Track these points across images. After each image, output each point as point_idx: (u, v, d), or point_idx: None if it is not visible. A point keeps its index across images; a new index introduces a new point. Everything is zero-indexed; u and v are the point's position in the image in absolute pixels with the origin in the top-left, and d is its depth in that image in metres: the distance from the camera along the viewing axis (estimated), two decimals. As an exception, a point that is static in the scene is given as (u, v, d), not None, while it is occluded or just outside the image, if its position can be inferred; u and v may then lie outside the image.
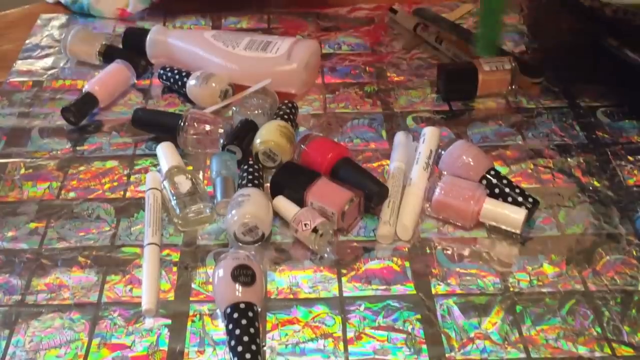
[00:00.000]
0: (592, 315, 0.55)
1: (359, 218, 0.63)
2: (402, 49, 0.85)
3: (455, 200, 0.61)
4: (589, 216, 0.63)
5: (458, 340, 0.53)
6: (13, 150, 0.72)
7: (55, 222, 0.63)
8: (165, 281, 0.58)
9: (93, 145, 0.72)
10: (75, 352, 0.53)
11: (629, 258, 0.59)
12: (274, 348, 0.53)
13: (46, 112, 0.77)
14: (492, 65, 0.75)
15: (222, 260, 0.55)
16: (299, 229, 0.59)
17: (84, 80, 0.80)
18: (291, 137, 0.68)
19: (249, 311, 0.52)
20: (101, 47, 0.83)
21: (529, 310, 0.55)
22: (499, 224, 0.61)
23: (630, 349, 0.52)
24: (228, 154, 0.67)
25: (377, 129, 0.73)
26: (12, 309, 0.56)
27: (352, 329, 0.54)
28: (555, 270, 0.58)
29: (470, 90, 0.76)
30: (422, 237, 0.61)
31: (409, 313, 0.55)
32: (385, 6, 0.93)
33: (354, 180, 0.63)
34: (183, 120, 0.69)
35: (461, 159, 0.64)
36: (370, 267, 0.59)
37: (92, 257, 0.60)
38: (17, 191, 0.67)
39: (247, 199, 0.59)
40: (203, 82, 0.75)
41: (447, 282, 0.57)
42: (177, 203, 0.62)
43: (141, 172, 0.69)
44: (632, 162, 0.69)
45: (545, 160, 0.69)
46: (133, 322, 0.55)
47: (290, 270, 0.59)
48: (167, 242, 0.61)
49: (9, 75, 0.83)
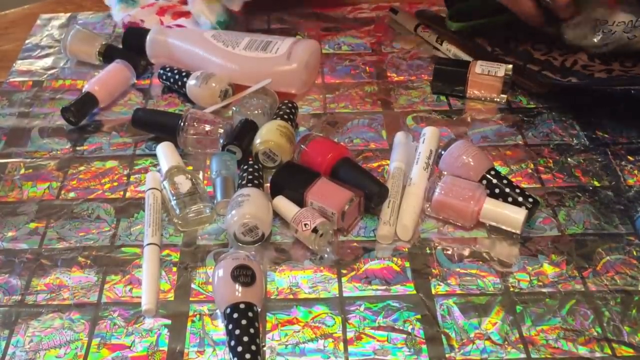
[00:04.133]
0: (592, 315, 0.54)
1: (359, 218, 0.63)
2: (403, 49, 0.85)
3: (455, 200, 0.61)
4: (589, 216, 0.63)
5: (458, 341, 0.53)
6: (13, 150, 0.72)
7: (55, 222, 0.63)
8: (165, 281, 0.58)
9: (93, 145, 0.72)
10: (75, 353, 0.53)
11: (629, 258, 0.59)
12: (273, 348, 0.53)
13: (46, 112, 0.77)
14: (484, 69, 0.75)
15: (222, 261, 0.55)
16: (299, 229, 0.59)
17: (84, 80, 0.80)
18: (291, 137, 0.68)
19: (249, 311, 0.52)
20: (101, 47, 0.83)
21: (529, 311, 0.55)
22: (499, 224, 0.61)
23: (630, 349, 0.52)
24: (228, 154, 0.67)
25: (377, 129, 0.73)
26: (12, 309, 0.56)
27: (352, 329, 0.54)
28: (555, 270, 0.58)
29: (459, 89, 0.76)
30: (422, 237, 0.61)
31: (409, 313, 0.55)
32: (386, 6, 0.93)
33: (354, 180, 0.63)
34: (183, 120, 0.69)
35: (461, 159, 0.64)
36: (370, 267, 0.59)
37: (92, 257, 0.60)
38: (17, 191, 0.67)
39: (247, 199, 0.59)
40: (203, 82, 0.75)
41: (447, 282, 0.57)
42: (177, 203, 0.62)
43: (141, 172, 0.69)
44: (632, 162, 0.69)
45: (545, 160, 0.69)
46: (133, 322, 0.55)
47: (290, 270, 0.59)
48: (167, 242, 0.61)
49: (9, 75, 0.83)
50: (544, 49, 0.78)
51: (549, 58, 0.76)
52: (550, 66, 0.75)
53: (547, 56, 0.77)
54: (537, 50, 0.78)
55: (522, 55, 0.78)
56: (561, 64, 0.75)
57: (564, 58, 0.76)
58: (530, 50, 0.78)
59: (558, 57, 0.76)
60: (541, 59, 0.77)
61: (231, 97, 0.76)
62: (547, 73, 0.74)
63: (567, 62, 0.75)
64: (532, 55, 0.77)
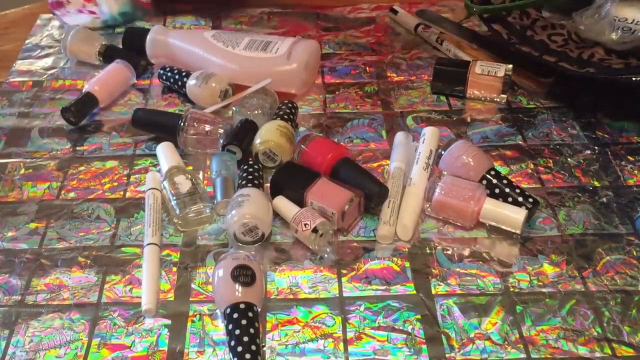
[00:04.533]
0: (592, 315, 0.54)
1: (359, 218, 0.63)
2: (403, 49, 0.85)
3: (455, 200, 0.61)
4: (589, 216, 0.63)
5: (458, 341, 0.53)
6: (13, 150, 0.72)
7: (55, 222, 0.63)
8: (165, 281, 0.58)
9: (93, 145, 0.72)
10: (75, 353, 0.53)
11: (629, 258, 0.59)
12: (273, 348, 0.53)
13: (46, 112, 0.77)
14: (484, 69, 0.75)
15: (222, 261, 0.55)
16: (299, 229, 0.59)
17: (84, 80, 0.80)
18: (291, 137, 0.68)
19: (249, 311, 0.52)
20: (101, 47, 0.83)
21: (529, 311, 0.55)
22: (499, 224, 0.61)
23: (630, 349, 0.52)
24: (228, 154, 0.67)
25: (377, 129, 0.73)
26: (12, 309, 0.56)
27: (352, 329, 0.54)
28: (555, 270, 0.58)
29: (459, 89, 0.76)
30: (422, 237, 0.61)
31: (409, 313, 0.55)
32: (386, 6, 0.93)
33: (354, 180, 0.63)
34: (183, 120, 0.69)
35: (461, 159, 0.64)
36: (370, 267, 0.59)
37: (92, 257, 0.60)
38: (17, 191, 0.67)
39: (247, 199, 0.59)
40: (203, 82, 0.75)
41: (447, 282, 0.57)
42: (177, 203, 0.62)
43: (141, 172, 0.69)
44: (632, 162, 0.69)
45: (545, 160, 0.69)
46: (133, 322, 0.55)
47: (290, 270, 0.59)
48: (167, 242, 0.61)
49: (9, 75, 0.83)
50: (560, 41, 0.78)
51: (565, 50, 0.76)
52: (566, 57, 0.75)
53: (563, 48, 0.76)
54: (553, 42, 0.77)
55: (538, 46, 0.77)
56: (578, 55, 0.75)
57: (581, 51, 0.76)
58: (547, 41, 0.78)
59: (575, 50, 0.76)
60: (557, 50, 0.76)
61: (231, 97, 0.76)
62: (564, 64, 0.73)
63: (584, 55, 0.75)
64: (548, 46, 0.77)
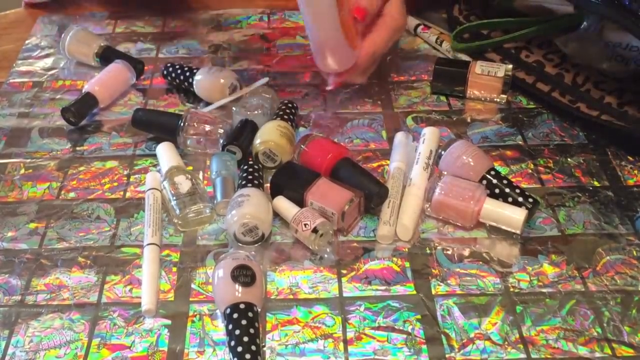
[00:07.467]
0: (592, 315, 0.55)
1: (359, 218, 0.63)
2: (403, 49, 0.85)
3: (455, 200, 0.61)
4: (589, 216, 0.63)
5: (458, 341, 0.53)
6: (13, 150, 0.72)
7: (55, 223, 0.63)
8: (165, 281, 0.58)
9: (93, 145, 0.72)
10: (75, 353, 0.53)
11: (629, 258, 0.59)
12: (273, 348, 0.53)
13: (46, 113, 0.77)
14: (484, 69, 0.75)
15: (221, 261, 0.55)
16: (299, 229, 0.59)
17: (84, 81, 0.80)
18: (291, 137, 0.68)
19: (249, 311, 0.52)
20: (99, 49, 0.82)
21: (529, 311, 0.55)
22: (499, 224, 0.61)
23: (630, 349, 0.52)
24: (228, 154, 0.67)
25: (377, 129, 0.73)
26: (12, 309, 0.56)
27: (352, 329, 0.54)
28: (555, 270, 0.58)
29: (459, 89, 0.76)
30: (422, 237, 0.61)
31: (409, 313, 0.55)
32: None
33: (354, 180, 0.63)
34: (183, 120, 0.69)
35: (461, 159, 0.64)
36: (370, 267, 0.59)
37: (91, 257, 0.60)
38: (17, 191, 0.67)
39: (247, 199, 0.59)
40: (212, 77, 0.75)
41: (447, 282, 0.57)
42: (177, 203, 0.62)
43: (141, 172, 0.69)
44: (632, 162, 0.69)
45: (545, 160, 0.69)
46: (133, 322, 0.55)
47: (290, 270, 0.59)
48: (167, 242, 0.61)
49: (9, 76, 0.83)
50: (556, 59, 0.76)
51: (560, 71, 0.75)
52: (560, 83, 0.74)
53: (559, 68, 0.75)
54: (549, 60, 0.76)
55: (534, 69, 0.76)
56: (573, 79, 0.73)
57: (576, 72, 0.74)
58: (543, 61, 0.76)
59: (570, 69, 0.74)
60: (552, 74, 0.75)
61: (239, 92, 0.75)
62: (556, 95, 0.73)
63: (579, 78, 0.73)
64: (544, 66, 0.76)
